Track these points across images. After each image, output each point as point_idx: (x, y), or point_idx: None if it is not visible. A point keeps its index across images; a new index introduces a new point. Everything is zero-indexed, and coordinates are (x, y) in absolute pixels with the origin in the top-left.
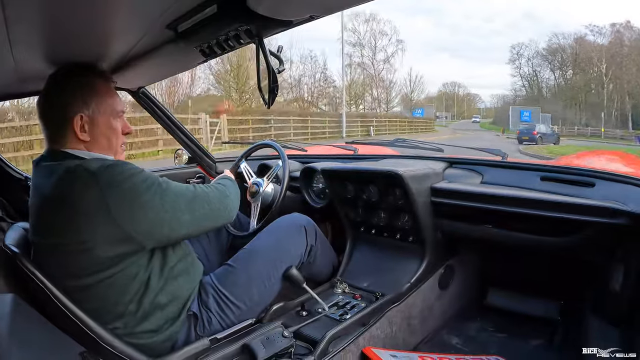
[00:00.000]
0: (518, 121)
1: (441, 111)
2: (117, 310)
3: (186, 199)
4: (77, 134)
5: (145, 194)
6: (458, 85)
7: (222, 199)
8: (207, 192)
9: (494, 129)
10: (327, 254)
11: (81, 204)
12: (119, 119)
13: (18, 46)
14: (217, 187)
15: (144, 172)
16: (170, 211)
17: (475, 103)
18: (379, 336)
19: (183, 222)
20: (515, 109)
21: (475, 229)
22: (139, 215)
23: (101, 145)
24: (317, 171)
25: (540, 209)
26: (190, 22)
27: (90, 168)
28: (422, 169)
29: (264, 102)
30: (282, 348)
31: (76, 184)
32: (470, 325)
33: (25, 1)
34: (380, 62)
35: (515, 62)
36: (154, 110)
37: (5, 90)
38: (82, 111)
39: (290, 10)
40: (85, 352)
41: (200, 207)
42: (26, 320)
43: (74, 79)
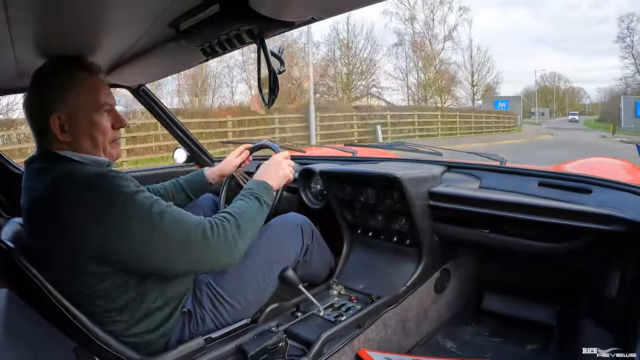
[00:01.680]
0: (633, 117)
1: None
2: (110, 315)
3: (181, 237)
4: (57, 136)
5: (135, 220)
6: (558, 76)
7: (229, 239)
8: (213, 234)
9: (601, 127)
10: (323, 255)
11: (65, 217)
12: (106, 114)
13: (19, 42)
14: (233, 221)
15: (139, 195)
16: (156, 248)
17: (579, 98)
18: (374, 339)
19: (172, 262)
20: (628, 99)
21: (472, 233)
22: (122, 245)
23: (85, 145)
24: (316, 172)
25: (537, 215)
26: (192, 21)
27: (81, 179)
28: (420, 172)
29: (264, 102)
30: (271, 343)
31: (62, 195)
32: (465, 329)
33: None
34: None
35: (626, 40)
36: (153, 109)
37: (5, 86)
38: (59, 110)
39: (292, 11)
40: (79, 348)
41: (195, 250)
42: (20, 315)
43: (53, 75)
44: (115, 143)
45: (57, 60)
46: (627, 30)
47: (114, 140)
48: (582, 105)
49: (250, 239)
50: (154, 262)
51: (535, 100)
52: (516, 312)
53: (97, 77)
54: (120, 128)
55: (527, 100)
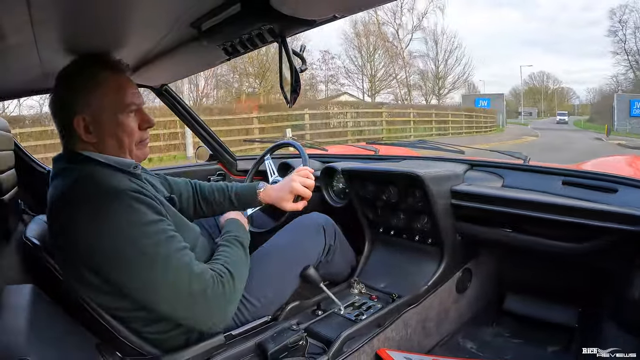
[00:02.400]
0: (627, 116)
1: (528, 106)
2: (132, 313)
3: (178, 287)
4: (82, 137)
5: (138, 255)
6: (547, 76)
7: (226, 299)
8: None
9: (593, 127)
10: (345, 254)
11: (71, 225)
12: (132, 114)
13: (42, 42)
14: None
15: (151, 227)
16: (151, 286)
17: (569, 98)
18: (394, 338)
19: (161, 300)
20: (622, 97)
21: (494, 233)
22: (119, 272)
23: (110, 147)
24: (338, 171)
25: (560, 214)
26: (213, 21)
27: (93, 189)
28: (443, 170)
29: (286, 101)
30: (291, 341)
31: (73, 208)
32: (486, 330)
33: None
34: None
35: (617, 34)
36: (176, 108)
37: (30, 86)
38: (83, 112)
39: (314, 9)
40: (101, 343)
41: (192, 304)
42: (45, 310)
43: (77, 75)
44: (142, 144)
45: (81, 60)
46: (619, 23)
47: (142, 141)
48: (572, 105)
49: (240, 296)
50: (143, 297)
51: (521, 99)
52: (537, 313)
53: (123, 76)
54: (148, 128)
55: (515, 100)
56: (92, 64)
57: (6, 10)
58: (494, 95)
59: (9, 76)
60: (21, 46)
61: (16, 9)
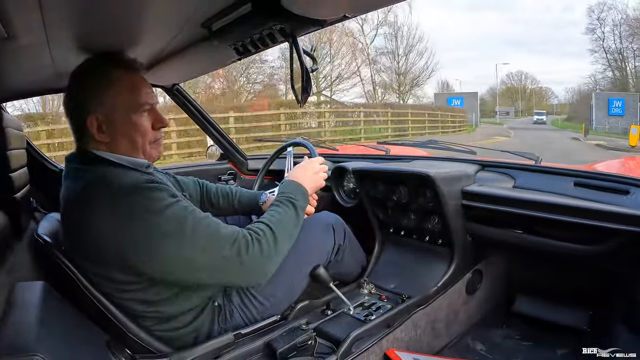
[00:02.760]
0: (606, 115)
1: (506, 105)
2: (143, 311)
3: (213, 253)
4: (95, 136)
5: (165, 239)
6: (525, 75)
7: (263, 259)
8: (248, 251)
9: (571, 127)
10: (355, 254)
11: (95, 225)
12: (146, 114)
13: (55, 42)
14: (270, 234)
15: (171, 208)
16: (189, 266)
17: (547, 98)
18: (403, 339)
19: (202, 278)
20: (601, 96)
21: (505, 234)
22: (151, 260)
23: (123, 146)
24: (348, 171)
25: (572, 216)
26: (224, 21)
27: (114, 188)
28: (454, 171)
29: (297, 101)
30: (300, 341)
31: (93, 203)
32: (495, 331)
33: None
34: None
35: (596, 32)
36: (187, 107)
37: (43, 86)
38: (96, 111)
39: (324, 9)
40: (111, 340)
41: (226, 267)
42: (55, 307)
43: (90, 75)
44: (156, 144)
45: (94, 59)
46: (597, 21)
47: (155, 140)
48: (550, 105)
49: (284, 254)
50: (181, 276)
51: (497, 98)
52: (547, 315)
53: (137, 75)
54: (161, 128)
55: (492, 99)
56: (105, 63)
57: (18, 11)
58: (467, 94)
59: (22, 76)
60: (34, 46)
61: (28, 10)
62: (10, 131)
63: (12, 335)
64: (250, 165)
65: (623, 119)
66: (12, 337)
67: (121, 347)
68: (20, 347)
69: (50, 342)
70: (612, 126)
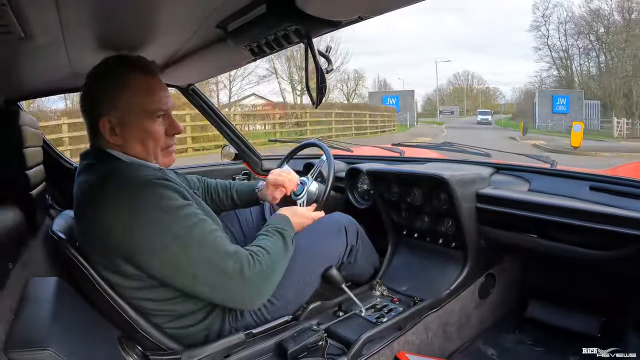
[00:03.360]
0: (550, 113)
1: (452, 105)
2: (154, 309)
3: (215, 266)
4: (107, 138)
5: (172, 241)
6: (472, 75)
7: (265, 276)
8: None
9: (514, 126)
10: (368, 255)
11: (104, 217)
12: (160, 119)
13: (71, 42)
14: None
15: (180, 210)
16: (188, 271)
17: (495, 98)
18: (414, 342)
19: (198, 289)
20: (544, 93)
21: (519, 238)
22: (154, 260)
23: (135, 150)
24: (362, 172)
25: (588, 221)
26: (239, 22)
27: (124, 182)
28: (468, 173)
29: (312, 102)
30: (311, 341)
31: (103, 196)
32: (507, 336)
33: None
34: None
35: (540, 29)
36: (202, 107)
37: (59, 85)
38: (109, 113)
39: (339, 10)
40: (123, 337)
41: (230, 283)
42: (69, 303)
43: (105, 76)
44: (168, 151)
45: (111, 60)
46: (542, 18)
47: (167, 147)
48: (498, 105)
49: (279, 279)
50: (182, 283)
51: (438, 96)
52: (560, 321)
53: (154, 79)
54: (175, 135)
55: (440, 98)
56: (121, 65)
57: (35, 11)
58: (403, 92)
59: (38, 75)
60: (50, 46)
61: (45, 9)
62: (27, 129)
63: (25, 329)
64: (265, 166)
65: (567, 116)
66: (25, 331)
67: (133, 343)
68: (33, 341)
69: (62, 336)
70: (555, 124)
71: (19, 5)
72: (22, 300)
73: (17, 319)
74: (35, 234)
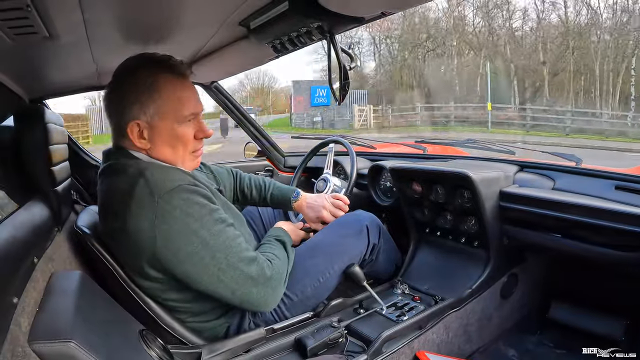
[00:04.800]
0: (308, 106)
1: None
2: (176, 304)
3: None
4: (134, 141)
5: (199, 247)
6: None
7: (282, 279)
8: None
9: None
10: (390, 253)
11: (132, 219)
12: (189, 124)
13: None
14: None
15: (209, 218)
16: (214, 275)
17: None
18: (434, 341)
19: (223, 286)
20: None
21: (543, 238)
22: (181, 263)
23: (163, 154)
24: (385, 169)
25: (613, 221)
26: (262, 19)
27: (152, 185)
28: (492, 171)
29: (335, 98)
30: (331, 338)
31: (132, 198)
32: (529, 338)
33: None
34: None
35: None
36: (226, 105)
37: (84, 84)
38: (138, 117)
39: (362, 6)
40: (145, 330)
41: (255, 286)
42: (91, 296)
43: (135, 77)
44: (195, 154)
45: (139, 59)
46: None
47: (195, 151)
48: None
49: (286, 281)
50: (207, 287)
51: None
52: (583, 323)
53: (185, 81)
54: (204, 138)
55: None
56: (151, 65)
57: (59, 10)
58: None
59: (63, 74)
60: (74, 45)
61: (69, 9)
62: (52, 127)
63: (49, 321)
64: (288, 162)
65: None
66: (49, 322)
67: (154, 337)
68: (57, 332)
69: (85, 329)
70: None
71: (42, 6)
72: (47, 293)
73: (41, 312)
74: (60, 229)
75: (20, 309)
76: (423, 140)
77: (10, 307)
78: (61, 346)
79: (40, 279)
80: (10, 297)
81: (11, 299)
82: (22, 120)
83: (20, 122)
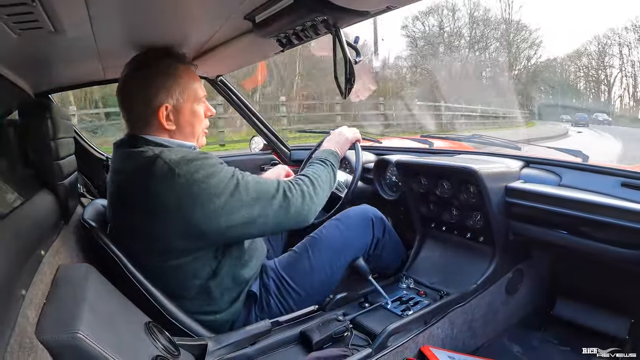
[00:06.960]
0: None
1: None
2: (184, 292)
3: (264, 201)
4: (163, 124)
5: (221, 196)
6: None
7: (306, 200)
8: (292, 193)
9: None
10: (395, 247)
11: (156, 197)
12: (202, 104)
13: (101, 37)
14: (308, 181)
15: (223, 171)
16: (246, 217)
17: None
18: (439, 335)
19: (258, 226)
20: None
21: (549, 234)
22: (212, 219)
23: (185, 133)
24: (391, 163)
25: (620, 218)
26: (267, 13)
27: (170, 162)
28: (498, 167)
29: (340, 92)
30: (336, 331)
31: (153, 177)
32: (533, 334)
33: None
34: None
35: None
36: (231, 98)
37: (90, 78)
38: (166, 101)
39: (367, 0)
40: (151, 322)
41: (277, 211)
42: (98, 288)
43: (155, 67)
44: (204, 132)
45: (154, 52)
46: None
47: (205, 127)
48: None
49: (323, 199)
50: (243, 231)
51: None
52: (588, 321)
53: (192, 67)
54: (210, 117)
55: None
56: (165, 56)
57: (65, 5)
58: None
59: (69, 68)
60: (80, 40)
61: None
62: (58, 120)
63: (56, 313)
64: (294, 156)
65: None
66: (56, 314)
67: (160, 329)
68: (64, 324)
69: (91, 320)
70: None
71: (48, 1)
72: (54, 285)
73: (49, 304)
74: (67, 222)
75: (27, 301)
76: (429, 134)
77: (18, 299)
78: (68, 337)
79: (48, 272)
80: (18, 290)
81: (19, 292)
82: (27, 114)
83: (25, 117)
